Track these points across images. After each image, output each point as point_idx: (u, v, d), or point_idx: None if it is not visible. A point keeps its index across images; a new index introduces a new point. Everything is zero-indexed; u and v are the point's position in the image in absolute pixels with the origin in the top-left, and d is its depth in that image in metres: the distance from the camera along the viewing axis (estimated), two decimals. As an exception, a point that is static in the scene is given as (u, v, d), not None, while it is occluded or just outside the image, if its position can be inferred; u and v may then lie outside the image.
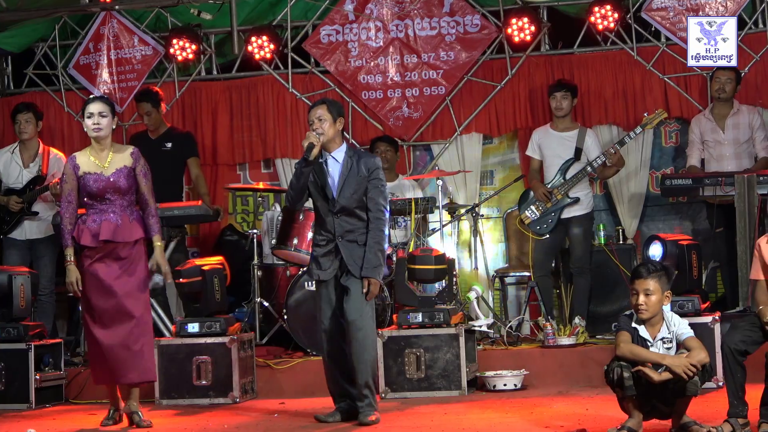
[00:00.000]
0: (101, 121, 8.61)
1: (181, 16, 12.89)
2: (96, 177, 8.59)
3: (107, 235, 8.56)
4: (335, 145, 8.58)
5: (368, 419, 8.37)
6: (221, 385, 10.05)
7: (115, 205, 8.63)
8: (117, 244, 8.62)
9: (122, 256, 8.64)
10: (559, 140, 11.58)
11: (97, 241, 8.56)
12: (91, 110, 8.64)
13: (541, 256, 11.55)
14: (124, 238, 8.63)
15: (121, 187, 8.62)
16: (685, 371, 7.10)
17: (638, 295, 7.30)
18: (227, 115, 13.19)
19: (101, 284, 8.59)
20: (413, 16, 12.75)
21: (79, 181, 8.62)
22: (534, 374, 10.20)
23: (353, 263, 8.50)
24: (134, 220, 8.71)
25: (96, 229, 8.56)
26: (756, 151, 11.32)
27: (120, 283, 8.61)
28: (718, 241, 11.21)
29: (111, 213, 8.61)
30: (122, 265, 8.64)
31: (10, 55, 13.69)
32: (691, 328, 7.40)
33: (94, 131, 8.63)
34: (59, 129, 13.39)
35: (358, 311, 8.49)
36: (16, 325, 10.36)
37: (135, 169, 8.71)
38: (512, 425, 8.11)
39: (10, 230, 11.63)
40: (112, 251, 8.62)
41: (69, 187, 8.64)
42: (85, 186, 8.60)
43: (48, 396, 10.39)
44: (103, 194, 8.59)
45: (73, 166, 8.65)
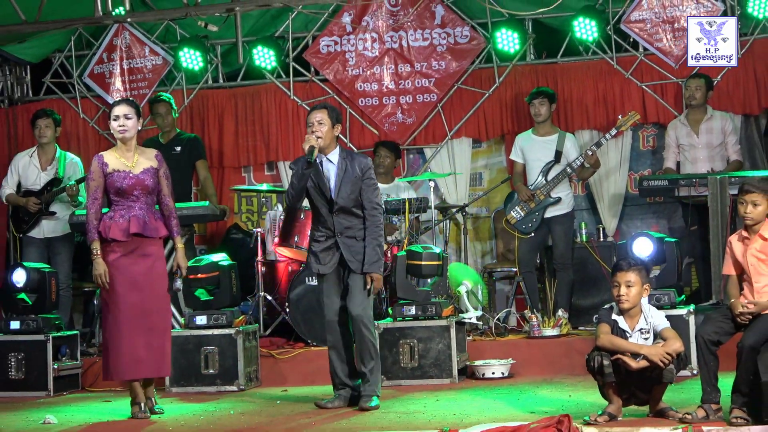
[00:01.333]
0: (126, 123, 8.53)
1: (189, 28, 12.88)
2: (125, 174, 8.48)
3: (137, 229, 8.45)
4: (330, 149, 8.60)
5: (368, 405, 8.40)
6: (227, 373, 10.06)
7: (141, 202, 8.53)
8: (143, 241, 8.51)
9: (148, 253, 8.55)
10: (541, 144, 11.60)
11: (127, 234, 8.43)
12: (116, 113, 8.55)
13: (526, 253, 11.56)
14: (151, 233, 8.54)
15: (148, 185, 8.54)
16: (662, 360, 7.12)
17: (620, 286, 7.33)
18: (233, 121, 13.19)
19: (127, 279, 8.46)
20: (407, 28, 12.75)
21: (106, 178, 8.47)
22: (520, 363, 10.21)
23: (352, 259, 8.53)
24: (158, 219, 8.65)
25: (124, 224, 8.44)
26: (728, 154, 11.34)
27: (145, 279, 8.51)
28: (692, 238, 11.22)
29: (138, 210, 8.50)
30: (147, 262, 8.54)
31: (29, 65, 13.69)
32: (667, 320, 7.42)
33: (120, 132, 8.53)
34: (75, 134, 13.38)
35: (360, 305, 8.53)
36: (35, 318, 10.37)
37: (159, 171, 8.63)
38: (500, 410, 8.11)
39: (29, 229, 11.63)
40: (138, 248, 8.51)
41: (95, 185, 8.48)
42: (114, 183, 8.46)
43: (65, 384, 10.40)
44: (132, 191, 8.48)
45: (101, 165, 8.50)
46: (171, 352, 8.77)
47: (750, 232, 7.47)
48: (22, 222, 11.68)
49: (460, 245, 12.22)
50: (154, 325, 8.53)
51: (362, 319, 8.54)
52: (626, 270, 7.35)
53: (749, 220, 7.42)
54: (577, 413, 7.36)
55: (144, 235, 8.52)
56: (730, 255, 7.60)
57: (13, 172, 11.83)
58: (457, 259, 12.17)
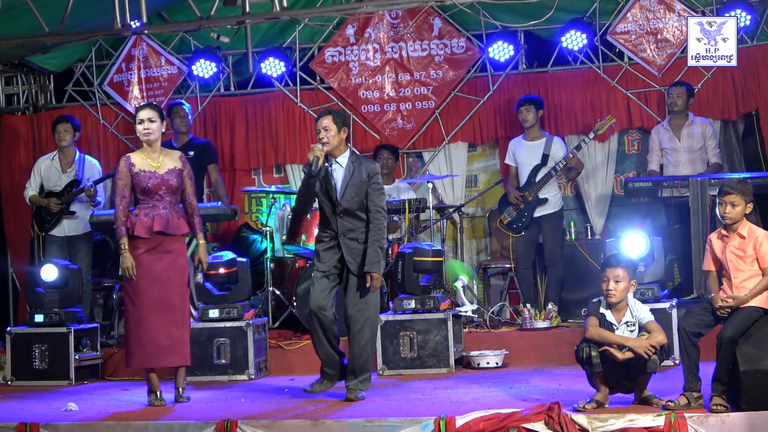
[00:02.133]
0: (151, 126, 8.51)
1: (203, 40, 12.87)
2: (151, 174, 8.47)
3: (160, 227, 8.46)
4: (340, 152, 8.56)
5: (356, 396, 8.38)
6: (238, 363, 10.09)
7: (165, 201, 8.52)
8: (165, 238, 8.51)
9: (170, 250, 8.55)
10: (529, 148, 11.61)
11: (150, 232, 8.43)
12: (141, 117, 8.54)
13: (522, 251, 11.60)
14: (174, 231, 8.53)
15: (172, 185, 8.54)
16: (646, 351, 7.14)
17: (609, 281, 7.35)
18: (243, 127, 13.19)
19: (151, 273, 8.45)
20: (406, 39, 12.75)
21: (133, 178, 8.46)
22: (513, 354, 10.21)
23: (352, 260, 8.49)
24: (181, 217, 8.64)
25: (148, 222, 8.43)
26: (708, 158, 11.34)
27: (168, 274, 8.51)
28: (674, 236, 11.21)
29: (162, 209, 8.49)
30: (170, 258, 8.54)
31: (52, 74, 13.70)
32: (651, 313, 7.43)
33: (145, 135, 8.52)
34: (95, 139, 13.37)
35: (355, 305, 8.52)
36: (58, 311, 10.39)
37: (183, 172, 8.62)
38: (494, 398, 8.12)
39: (51, 228, 11.64)
40: (161, 244, 8.50)
41: (123, 184, 8.45)
42: (140, 182, 8.44)
43: (86, 374, 10.42)
44: (157, 191, 8.48)
45: (128, 165, 8.47)
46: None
47: (729, 230, 7.47)
48: (44, 221, 11.68)
49: (457, 243, 12.22)
50: (174, 317, 8.54)
51: (355, 318, 8.50)
52: (615, 266, 7.37)
53: (728, 220, 7.42)
54: (567, 401, 7.36)
55: (167, 233, 8.52)
56: (710, 252, 7.60)
57: (35, 175, 11.84)
58: (453, 256, 12.16)
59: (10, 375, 10.37)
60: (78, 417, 8.17)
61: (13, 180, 13.28)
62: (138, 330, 8.47)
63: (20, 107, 13.76)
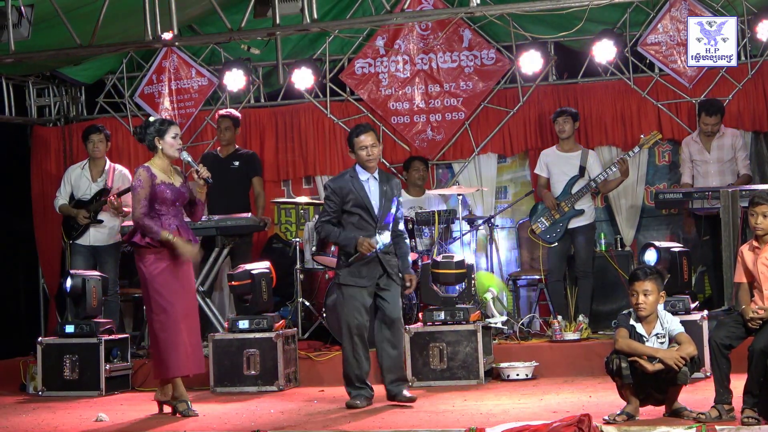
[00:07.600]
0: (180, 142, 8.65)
1: (233, 51, 12.94)
2: (170, 186, 8.51)
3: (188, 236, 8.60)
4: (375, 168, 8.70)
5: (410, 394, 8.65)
6: (268, 374, 10.10)
7: (179, 212, 8.64)
8: None
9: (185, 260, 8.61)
10: (565, 160, 11.59)
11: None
12: (174, 132, 8.60)
13: (555, 263, 11.57)
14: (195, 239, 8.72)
15: (186, 197, 8.65)
16: (676, 363, 7.11)
17: (638, 295, 7.31)
18: (273, 138, 13.24)
19: (176, 282, 8.52)
20: (436, 50, 12.77)
21: (155, 188, 8.47)
22: (543, 365, 10.19)
23: (390, 270, 8.66)
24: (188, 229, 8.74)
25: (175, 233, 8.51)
26: (738, 169, 11.31)
27: (186, 283, 8.62)
28: (705, 248, 11.19)
29: (174, 219, 8.56)
30: (185, 267, 8.61)
31: (84, 86, 13.79)
32: (681, 325, 7.41)
33: (177, 150, 8.61)
34: (126, 150, 13.43)
35: (398, 310, 8.73)
36: (88, 322, 10.45)
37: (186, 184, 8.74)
38: (524, 410, 8.11)
39: (78, 236, 11.68)
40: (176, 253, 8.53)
41: (145, 193, 8.44)
42: (161, 193, 8.46)
43: (116, 384, 10.46)
44: (175, 202, 8.54)
45: (150, 175, 8.48)
46: (212, 352, 9.08)
47: (760, 242, 7.45)
48: (72, 229, 11.74)
49: (487, 254, 12.22)
50: (194, 325, 8.68)
51: (400, 323, 8.77)
52: (643, 279, 7.33)
53: (759, 231, 7.40)
54: (597, 413, 7.35)
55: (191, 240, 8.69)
56: (741, 264, 7.58)
57: (66, 183, 11.89)
58: (483, 268, 12.15)
59: (41, 385, 10.43)
60: (108, 428, 8.20)
61: (44, 190, 13.36)
62: (175, 338, 8.47)
63: (52, 119, 13.85)
